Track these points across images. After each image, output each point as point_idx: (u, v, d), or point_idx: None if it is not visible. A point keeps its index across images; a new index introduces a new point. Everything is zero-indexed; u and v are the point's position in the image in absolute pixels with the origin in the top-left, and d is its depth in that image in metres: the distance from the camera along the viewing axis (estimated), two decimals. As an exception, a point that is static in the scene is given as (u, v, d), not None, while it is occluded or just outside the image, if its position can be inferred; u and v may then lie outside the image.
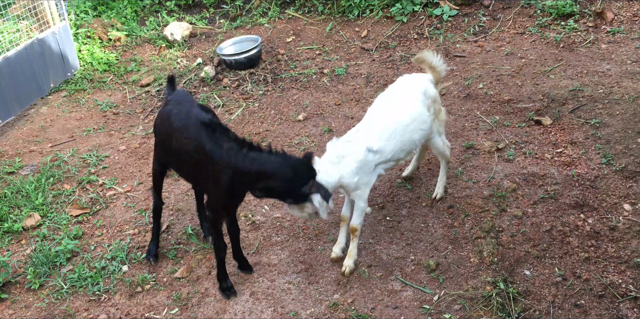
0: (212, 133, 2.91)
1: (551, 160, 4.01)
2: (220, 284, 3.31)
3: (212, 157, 2.89)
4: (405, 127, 3.24)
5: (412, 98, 3.32)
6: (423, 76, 3.52)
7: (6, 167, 4.67)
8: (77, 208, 4.13)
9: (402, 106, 3.28)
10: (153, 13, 6.99)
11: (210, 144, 2.89)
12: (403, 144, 3.26)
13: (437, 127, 3.56)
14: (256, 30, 6.48)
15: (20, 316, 3.36)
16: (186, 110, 3.09)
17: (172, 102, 3.23)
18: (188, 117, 3.04)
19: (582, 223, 3.50)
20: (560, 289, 3.13)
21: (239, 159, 2.83)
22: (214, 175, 2.93)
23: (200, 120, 2.97)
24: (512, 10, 5.92)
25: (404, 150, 3.29)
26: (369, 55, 5.80)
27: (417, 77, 3.49)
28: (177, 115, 3.10)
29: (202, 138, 2.91)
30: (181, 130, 3.03)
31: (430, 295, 3.19)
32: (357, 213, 3.28)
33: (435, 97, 3.47)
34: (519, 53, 5.36)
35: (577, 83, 4.73)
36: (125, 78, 5.96)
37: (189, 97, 3.26)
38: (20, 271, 3.65)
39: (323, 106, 5.10)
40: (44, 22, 5.72)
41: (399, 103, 3.30)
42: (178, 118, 3.07)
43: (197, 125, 2.96)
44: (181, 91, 3.38)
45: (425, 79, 3.48)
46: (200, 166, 2.99)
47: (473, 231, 3.54)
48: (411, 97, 3.32)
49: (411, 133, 3.27)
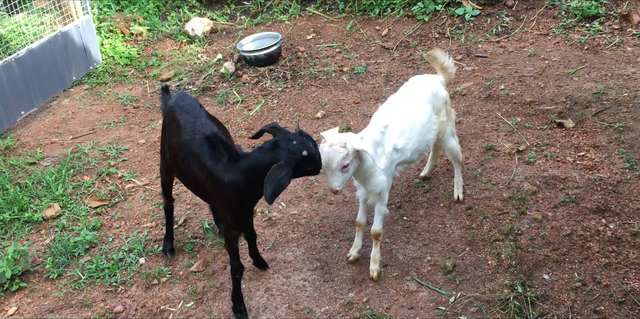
0: (212, 150, 2.78)
1: (573, 163, 3.95)
2: (234, 305, 3.14)
3: (213, 175, 2.77)
4: (422, 127, 3.22)
5: (424, 98, 3.29)
6: (434, 77, 3.49)
7: (28, 158, 4.74)
8: (96, 200, 4.18)
9: (418, 106, 3.26)
10: (175, 8, 7.03)
11: (211, 161, 2.77)
12: (419, 144, 3.24)
13: (451, 128, 3.54)
14: (276, 27, 6.49)
15: (38, 304, 3.41)
16: (193, 120, 2.95)
17: (178, 111, 3.05)
18: (194, 129, 2.90)
19: (603, 228, 3.44)
20: (579, 294, 3.08)
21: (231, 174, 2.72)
22: (219, 193, 2.83)
23: (204, 134, 2.85)
24: (535, 11, 5.84)
25: (419, 150, 3.27)
26: (389, 54, 5.77)
27: (428, 78, 3.46)
28: (185, 126, 2.95)
29: (203, 156, 2.80)
30: (187, 144, 2.90)
31: (447, 297, 3.16)
32: (379, 219, 3.23)
33: (446, 98, 3.45)
34: (542, 54, 5.29)
35: (601, 86, 4.65)
36: (146, 72, 6.01)
37: (193, 102, 3.09)
38: (39, 260, 3.70)
39: (342, 104, 5.09)
40: (67, 16, 5.79)
41: (414, 103, 3.27)
42: (187, 131, 2.93)
43: (200, 140, 2.84)
44: (183, 95, 3.18)
45: (436, 80, 3.45)
46: (204, 184, 2.89)
47: (491, 234, 3.50)
48: (423, 97, 3.30)
49: (426, 133, 3.26)
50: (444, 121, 3.42)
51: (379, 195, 3.14)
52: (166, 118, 3.18)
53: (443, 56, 3.51)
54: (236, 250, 3.03)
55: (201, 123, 2.93)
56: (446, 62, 3.52)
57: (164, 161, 3.33)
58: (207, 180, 2.83)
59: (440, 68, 3.55)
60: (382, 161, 3.01)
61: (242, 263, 3.10)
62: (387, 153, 3.04)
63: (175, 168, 3.17)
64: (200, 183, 2.93)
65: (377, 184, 3.06)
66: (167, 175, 3.38)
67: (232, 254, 3.03)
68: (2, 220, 4.01)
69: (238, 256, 3.06)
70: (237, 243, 3.03)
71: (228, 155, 2.76)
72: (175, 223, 3.90)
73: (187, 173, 2.98)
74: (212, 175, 2.78)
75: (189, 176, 3.00)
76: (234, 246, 3.01)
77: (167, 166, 3.29)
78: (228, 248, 3.04)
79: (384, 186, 3.10)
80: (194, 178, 2.94)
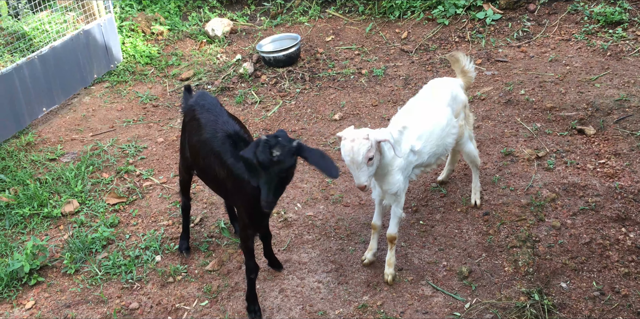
0: (234, 148, 2.79)
1: (593, 170, 3.90)
2: (248, 305, 3.15)
3: (233, 172, 2.78)
4: (441, 130, 3.20)
5: (444, 101, 3.27)
6: (454, 80, 3.47)
7: (48, 154, 4.81)
8: (114, 197, 4.22)
9: (437, 109, 3.24)
10: (195, 8, 7.09)
11: (232, 159, 2.78)
12: (438, 147, 3.22)
13: (469, 132, 3.52)
14: (296, 28, 6.51)
15: (55, 299, 3.45)
16: (214, 119, 2.97)
17: (198, 109, 3.08)
18: (215, 127, 2.92)
19: (623, 237, 3.39)
20: (597, 304, 3.04)
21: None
22: (239, 190, 2.83)
23: (226, 132, 2.87)
24: (558, 16, 5.78)
25: (437, 153, 3.26)
26: (408, 57, 5.75)
27: (448, 81, 3.44)
28: (206, 124, 2.97)
29: (225, 154, 2.81)
30: (208, 142, 2.92)
31: (462, 302, 3.14)
32: (395, 222, 3.22)
33: (465, 101, 3.44)
34: (563, 60, 5.24)
35: (623, 93, 4.59)
36: (165, 71, 6.06)
37: (214, 101, 3.12)
38: (57, 255, 3.75)
39: (360, 106, 5.08)
40: (90, 14, 5.86)
41: (433, 106, 3.25)
42: (208, 129, 2.94)
43: (222, 138, 2.86)
44: (204, 94, 3.19)
45: (456, 83, 3.44)
46: (224, 181, 2.90)
47: (508, 240, 3.47)
48: (443, 100, 3.28)
49: (445, 137, 3.24)
50: (462, 125, 3.41)
51: (395, 197, 3.13)
52: (186, 117, 3.20)
53: (465, 59, 3.50)
54: (252, 250, 3.04)
55: (223, 121, 2.95)
56: (467, 66, 3.51)
57: (183, 160, 3.35)
58: (228, 178, 2.84)
59: (460, 72, 3.54)
60: (399, 160, 3.01)
61: (257, 264, 3.11)
62: (404, 153, 3.04)
63: (195, 166, 3.19)
64: (220, 181, 2.94)
65: (394, 183, 3.06)
66: (186, 173, 3.40)
67: (248, 254, 3.04)
68: (22, 214, 4.07)
69: (253, 256, 3.07)
70: (252, 243, 3.04)
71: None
72: (192, 221, 3.92)
73: (208, 171, 2.99)
74: (232, 173, 2.79)
75: (209, 174, 3.02)
76: (250, 246, 3.02)
77: (187, 165, 3.31)
78: (243, 248, 3.05)
79: (400, 186, 3.09)
80: (214, 176, 2.96)
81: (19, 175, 4.48)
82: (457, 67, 3.56)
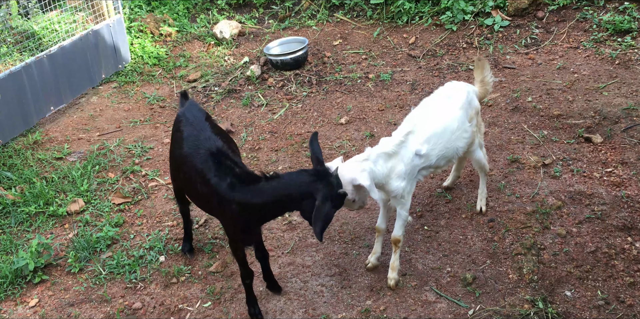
0: (218, 167, 2.75)
1: (600, 179, 3.88)
2: (248, 309, 3.17)
3: (218, 192, 2.75)
4: (451, 133, 3.19)
5: (457, 104, 3.26)
6: (469, 86, 3.46)
7: (55, 153, 4.83)
8: (120, 197, 4.23)
9: (449, 112, 3.22)
10: (204, 10, 7.12)
11: (215, 179, 2.74)
12: (447, 150, 3.20)
13: (480, 139, 3.52)
14: (304, 32, 6.52)
15: (59, 297, 3.46)
16: (197, 134, 2.93)
17: (183, 121, 3.05)
18: (197, 143, 2.88)
19: (629, 246, 3.37)
20: (602, 313, 3.02)
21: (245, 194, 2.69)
22: (225, 211, 2.81)
23: (208, 150, 2.82)
24: (566, 24, 5.78)
25: (446, 157, 3.24)
26: (415, 62, 5.75)
27: (464, 86, 3.43)
28: (187, 139, 2.94)
29: (208, 172, 2.76)
30: (189, 157, 2.88)
31: (465, 309, 3.12)
32: (400, 224, 3.21)
33: (478, 109, 3.43)
34: (571, 67, 5.23)
35: (631, 101, 4.57)
36: (173, 73, 6.09)
37: (200, 114, 3.06)
38: (61, 254, 3.76)
39: (366, 111, 5.09)
40: (99, 15, 5.90)
41: (446, 108, 3.24)
42: (190, 144, 2.91)
43: (205, 155, 2.81)
44: (192, 105, 3.15)
45: (471, 89, 3.43)
46: (208, 198, 2.88)
47: (513, 247, 3.45)
48: (457, 103, 3.27)
49: (456, 140, 3.22)
50: (475, 131, 3.40)
51: (400, 199, 3.12)
52: (174, 126, 3.17)
53: (488, 69, 3.52)
54: (242, 258, 3.02)
55: (205, 137, 2.90)
56: (488, 76, 3.52)
57: (171, 170, 3.35)
58: (212, 196, 2.80)
59: (480, 81, 3.55)
60: (399, 168, 3.02)
61: (251, 270, 3.09)
62: (406, 159, 3.04)
63: (178, 179, 3.20)
64: (203, 197, 2.92)
65: (394, 190, 3.06)
66: (176, 184, 3.39)
67: (240, 262, 3.04)
68: (28, 212, 4.09)
69: (246, 263, 3.06)
70: (243, 252, 3.02)
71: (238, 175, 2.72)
72: (196, 223, 3.93)
73: (190, 185, 2.98)
74: (217, 193, 2.75)
75: (192, 189, 3.00)
76: (239, 255, 3.01)
77: (173, 176, 3.33)
78: (235, 257, 3.06)
79: (404, 190, 3.08)
80: (196, 192, 2.93)
81: (25, 173, 4.51)
82: (478, 74, 3.55)
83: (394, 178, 3.02)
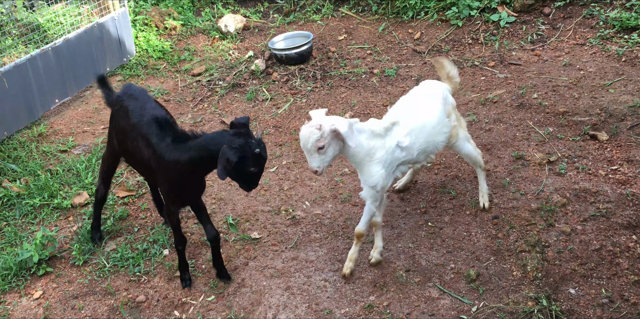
0: (159, 130, 3.00)
1: (605, 177, 3.87)
2: (180, 274, 3.41)
3: (156, 152, 2.98)
4: (432, 128, 3.24)
5: (436, 101, 3.32)
6: (443, 84, 3.53)
7: (60, 145, 4.83)
8: (124, 190, 4.24)
9: (429, 107, 3.28)
10: (209, 4, 7.10)
11: (156, 139, 2.99)
12: (428, 145, 3.26)
13: (464, 132, 3.54)
14: (308, 26, 6.50)
15: (63, 290, 3.47)
16: (141, 105, 3.19)
17: (125, 99, 3.28)
18: (142, 112, 3.14)
19: (633, 244, 3.36)
20: (606, 311, 3.02)
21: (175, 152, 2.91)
22: (161, 169, 3.02)
23: (152, 116, 3.07)
24: (573, 20, 5.74)
25: (426, 151, 3.29)
26: (420, 58, 5.73)
27: (438, 84, 3.51)
28: (134, 111, 3.18)
29: (151, 134, 3.02)
30: (136, 126, 3.12)
31: (469, 306, 3.13)
32: (365, 219, 3.25)
33: (454, 104, 3.49)
34: (577, 64, 5.20)
35: (637, 99, 4.55)
36: (177, 66, 6.08)
37: (141, 90, 3.34)
38: (66, 246, 3.77)
39: (370, 106, 5.07)
40: (104, 8, 5.88)
41: (425, 104, 3.30)
42: (135, 115, 3.16)
43: (149, 121, 3.06)
44: (131, 85, 3.42)
45: (444, 87, 3.49)
46: (150, 162, 3.07)
47: (517, 244, 3.45)
48: (435, 100, 3.33)
49: (436, 135, 3.28)
50: (456, 125, 3.45)
51: (371, 190, 3.13)
52: (114, 107, 3.38)
53: (449, 65, 3.58)
54: (177, 223, 3.24)
55: (150, 107, 3.18)
56: (452, 72, 3.58)
57: (110, 148, 3.49)
58: (152, 157, 3.02)
59: (446, 77, 3.61)
60: (380, 153, 3.05)
61: (184, 236, 3.32)
62: (387, 147, 3.08)
63: (123, 152, 3.36)
64: (146, 162, 3.11)
65: (372, 175, 3.08)
66: (112, 161, 3.53)
67: (174, 228, 3.26)
68: (32, 205, 4.10)
69: (180, 229, 3.29)
70: (177, 218, 3.24)
71: (173, 135, 2.96)
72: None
73: (135, 153, 3.17)
74: (156, 152, 2.97)
75: (137, 157, 3.19)
76: (173, 220, 3.23)
77: (114, 152, 3.45)
78: (169, 223, 3.26)
79: (378, 180, 3.09)
80: (141, 158, 3.13)
81: (30, 165, 4.51)
82: (442, 73, 3.62)
83: (374, 162, 3.06)
